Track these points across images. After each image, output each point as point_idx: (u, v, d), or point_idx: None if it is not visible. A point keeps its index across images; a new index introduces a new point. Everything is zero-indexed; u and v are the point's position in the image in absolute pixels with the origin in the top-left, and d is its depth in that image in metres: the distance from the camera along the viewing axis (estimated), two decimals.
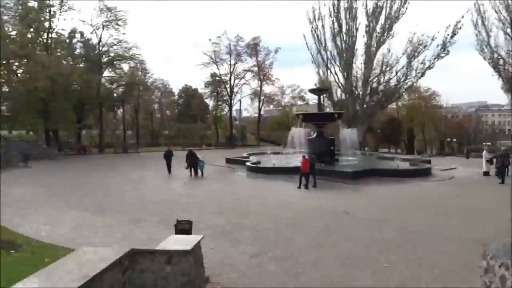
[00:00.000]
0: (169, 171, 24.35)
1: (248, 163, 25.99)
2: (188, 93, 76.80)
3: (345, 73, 42.78)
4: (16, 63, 35.89)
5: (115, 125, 63.57)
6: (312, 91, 32.06)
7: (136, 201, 15.38)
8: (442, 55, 38.68)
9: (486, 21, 35.43)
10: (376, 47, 41.29)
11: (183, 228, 8.13)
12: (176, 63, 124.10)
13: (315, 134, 28.15)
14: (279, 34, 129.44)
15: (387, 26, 40.31)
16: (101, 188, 18.95)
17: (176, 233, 8.23)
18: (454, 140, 69.65)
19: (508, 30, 33.72)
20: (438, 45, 38.63)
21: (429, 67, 39.60)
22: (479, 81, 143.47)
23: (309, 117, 28.38)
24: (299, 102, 64.54)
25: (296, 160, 26.82)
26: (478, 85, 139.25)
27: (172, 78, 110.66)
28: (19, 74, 36.92)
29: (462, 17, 37.14)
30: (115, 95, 47.93)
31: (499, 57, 35.09)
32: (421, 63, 39.92)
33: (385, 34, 40.48)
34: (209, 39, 53.98)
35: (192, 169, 23.06)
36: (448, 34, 37.91)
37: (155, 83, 65.13)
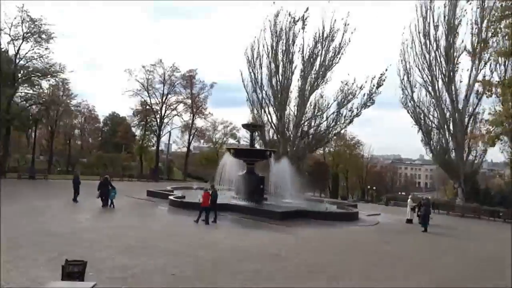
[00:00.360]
0: (75, 199, 21.62)
1: (171, 197, 23.86)
2: (115, 121, 72.54)
3: (278, 114, 43.03)
4: None
5: (27, 149, 57.08)
6: (245, 126, 31.29)
7: (27, 234, 12.63)
8: (369, 104, 40.63)
9: (411, 77, 38.20)
10: (310, 91, 42.33)
11: (72, 271, 6.16)
12: (105, 89, 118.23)
13: (245, 171, 27.03)
14: (215, 74, 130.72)
15: (321, 72, 41.71)
16: None
17: (63, 277, 6.23)
18: (374, 188, 73.26)
19: (430, 88, 36.54)
20: (365, 95, 40.66)
21: (357, 115, 41.29)
22: (395, 137, 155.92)
23: (240, 152, 27.28)
24: (231, 140, 63.78)
25: (225, 196, 25.49)
26: (394, 140, 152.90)
27: (99, 104, 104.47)
28: None
29: (386, 69, 39.82)
30: (30, 115, 43.08)
31: (421, 111, 37.66)
32: (350, 111, 41.56)
33: (319, 80, 41.78)
34: (143, 66, 51.62)
35: (104, 199, 20.51)
36: (373, 85, 40.16)
37: (79, 107, 60.46)
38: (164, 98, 52.86)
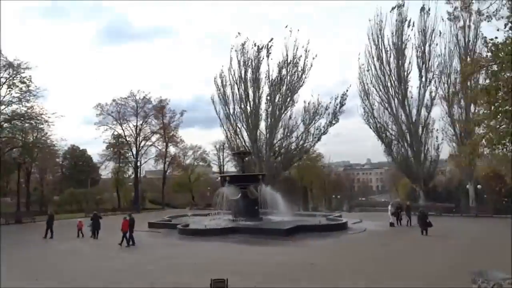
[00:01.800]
0: (46, 235, 24.17)
1: (179, 226, 25.85)
2: (75, 154, 70.80)
3: (252, 138, 46.28)
4: None
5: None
6: (235, 154, 34.15)
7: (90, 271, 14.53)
8: (334, 122, 45.28)
9: (370, 96, 43.06)
10: (278, 114, 46.05)
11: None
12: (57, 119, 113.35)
13: (239, 195, 29.63)
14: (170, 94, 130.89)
15: (288, 96, 45.71)
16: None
17: None
18: (338, 196, 78.19)
19: (387, 105, 41.65)
20: (329, 114, 45.15)
21: (324, 133, 45.70)
22: (342, 144, 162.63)
23: (234, 179, 29.94)
24: (201, 163, 65.73)
25: (225, 219, 27.96)
26: (342, 147, 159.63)
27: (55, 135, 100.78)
28: None
29: (347, 90, 45.15)
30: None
31: (382, 126, 42.57)
32: (317, 129, 45.84)
33: (287, 102, 45.74)
34: (113, 100, 52.84)
35: (96, 232, 23.76)
36: (337, 104, 44.78)
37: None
38: (138, 130, 54.27)
